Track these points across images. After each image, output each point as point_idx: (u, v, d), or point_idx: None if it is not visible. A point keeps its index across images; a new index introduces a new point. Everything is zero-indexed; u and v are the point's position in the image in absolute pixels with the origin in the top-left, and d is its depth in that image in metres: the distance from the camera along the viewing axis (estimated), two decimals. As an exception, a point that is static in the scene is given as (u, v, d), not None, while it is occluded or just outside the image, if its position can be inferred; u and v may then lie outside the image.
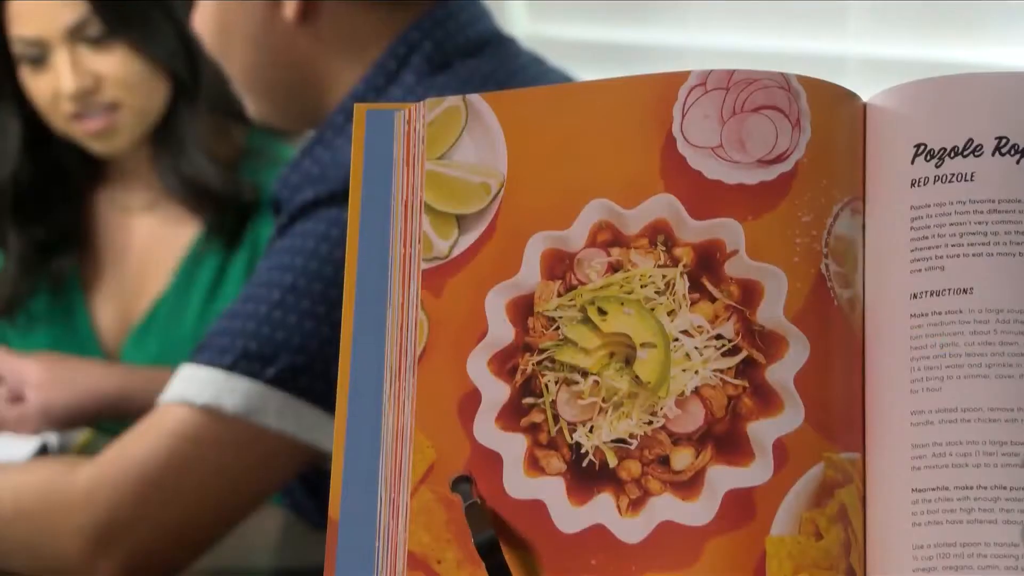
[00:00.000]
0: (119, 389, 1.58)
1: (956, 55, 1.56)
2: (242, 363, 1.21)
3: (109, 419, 1.55)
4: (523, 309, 0.71)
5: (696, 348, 0.69)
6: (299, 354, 1.21)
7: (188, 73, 1.65)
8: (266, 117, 1.36)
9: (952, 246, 0.70)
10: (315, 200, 1.24)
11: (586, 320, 0.71)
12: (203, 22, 1.32)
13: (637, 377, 0.70)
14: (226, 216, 1.71)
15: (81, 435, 1.52)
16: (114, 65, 1.64)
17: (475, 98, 0.73)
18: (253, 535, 1.32)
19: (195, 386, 1.22)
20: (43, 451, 1.49)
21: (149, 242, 1.75)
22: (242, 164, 1.72)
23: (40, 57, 1.65)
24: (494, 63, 1.30)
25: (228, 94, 1.54)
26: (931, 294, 0.70)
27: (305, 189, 1.25)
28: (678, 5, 1.82)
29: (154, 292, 1.73)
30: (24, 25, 1.64)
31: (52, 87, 1.65)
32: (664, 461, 0.69)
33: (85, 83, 1.64)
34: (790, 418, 0.68)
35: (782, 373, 0.69)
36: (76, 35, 1.63)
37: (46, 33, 1.64)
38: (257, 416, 1.21)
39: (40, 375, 1.56)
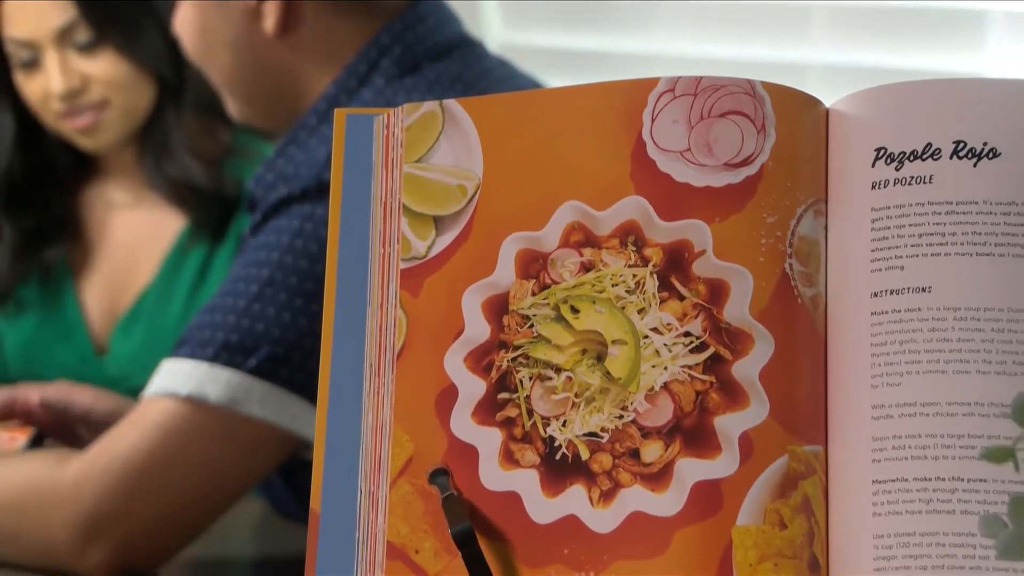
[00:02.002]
0: None
1: (914, 62, 1.56)
2: (224, 355, 1.21)
3: None
4: (498, 307, 0.71)
5: (665, 345, 0.69)
6: (279, 345, 1.21)
7: (174, 75, 1.66)
8: (246, 118, 1.36)
9: (911, 246, 0.70)
10: (288, 197, 1.24)
11: (559, 318, 0.71)
12: (184, 26, 1.32)
13: (608, 373, 0.70)
14: (210, 211, 1.71)
15: None
16: (101, 67, 1.65)
17: (452, 103, 0.73)
18: (232, 525, 1.32)
19: (178, 379, 1.21)
20: (37, 441, 1.48)
21: (137, 235, 1.75)
22: (226, 162, 1.73)
23: (32, 60, 1.66)
24: (461, 66, 1.30)
25: (213, 95, 1.55)
26: (891, 293, 0.70)
27: (279, 187, 1.25)
28: (647, 14, 1.82)
29: (141, 283, 1.73)
30: (15, 26, 1.65)
31: (43, 87, 1.66)
32: (634, 454, 0.69)
33: (73, 83, 1.64)
34: (755, 412, 0.68)
35: (748, 369, 0.69)
36: (65, 38, 1.64)
37: (36, 35, 1.65)
38: (241, 405, 1.21)
39: (88, 390, 1.56)
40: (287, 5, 1.27)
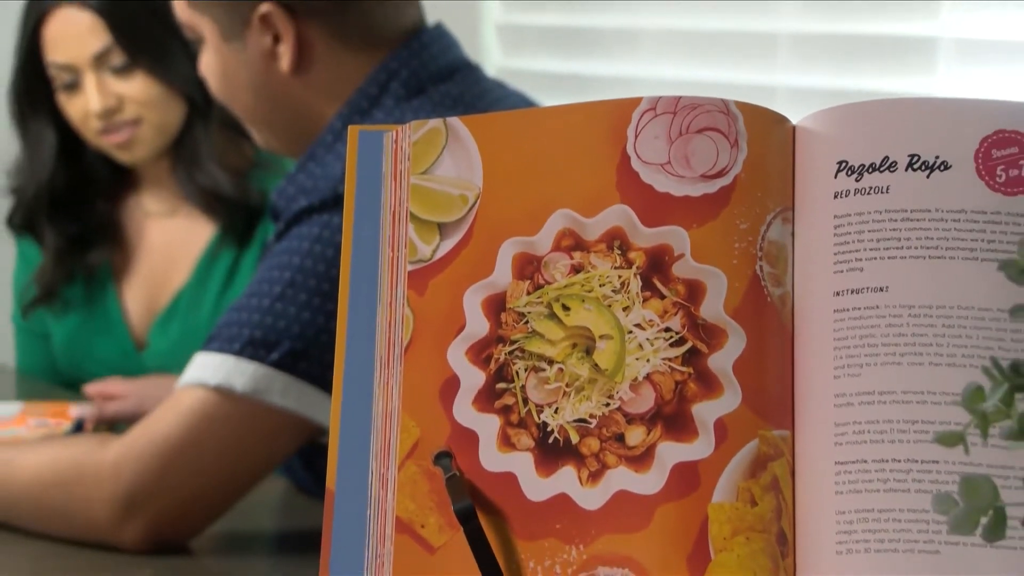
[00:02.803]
0: None
1: (872, 84, 1.56)
2: (249, 349, 1.21)
3: None
4: (496, 305, 0.71)
5: (648, 339, 0.69)
6: (298, 340, 1.21)
7: (201, 95, 1.66)
8: (270, 146, 1.37)
9: (870, 250, 0.70)
10: (308, 207, 1.24)
11: (552, 315, 0.70)
12: (207, 70, 1.32)
13: (596, 365, 0.69)
14: (237, 219, 1.71)
15: None
16: (135, 88, 1.65)
17: (454, 121, 0.73)
18: (257, 502, 1.31)
19: (208, 370, 1.22)
20: (79, 425, 1.48)
21: (172, 241, 1.75)
22: (251, 174, 1.73)
23: (73, 82, 1.66)
24: (463, 87, 1.30)
25: None
26: (852, 292, 0.69)
27: (299, 199, 1.25)
28: (631, 42, 1.82)
29: (176, 284, 1.74)
30: (57, 52, 1.66)
31: (83, 107, 1.66)
32: (620, 438, 0.68)
33: (109, 103, 1.65)
34: (729, 400, 0.68)
35: (722, 361, 0.68)
36: (102, 62, 1.65)
37: (76, 60, 1.65)
38: (264, 395, 1.21)
39: (138, 383, 1.57)
40: (299, 46, 1.27)
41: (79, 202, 1.73)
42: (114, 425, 1.50)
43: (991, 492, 0.55)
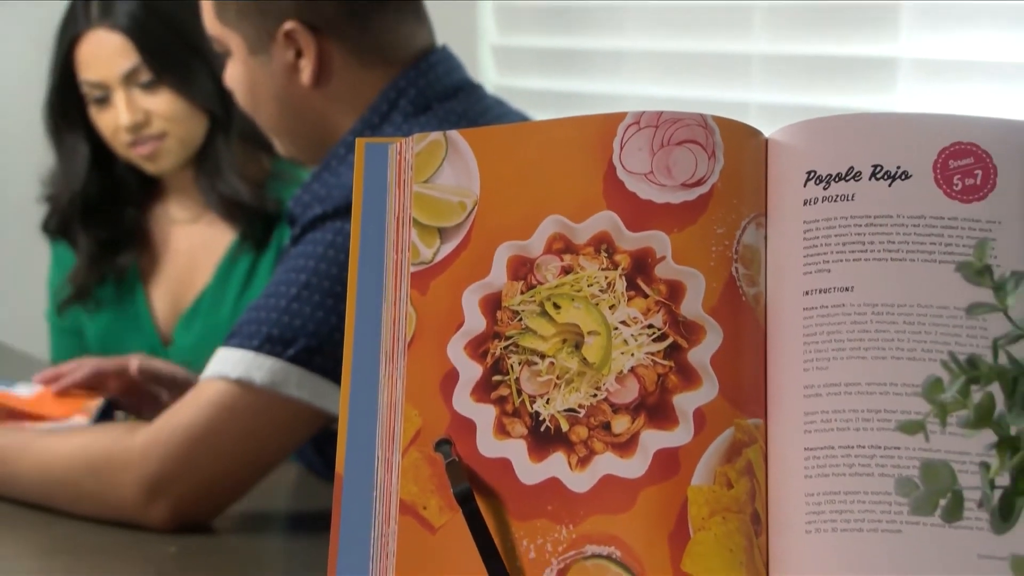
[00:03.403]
0: None
1: (837, 101, 1.56)
2: (267, 345, 1.21)
3: None
4: (493, 304, 0.70)
5: (632, 335, 0.69)
6: (312, 337, 1.21)
7: (222, 110, 1.66)
8: (290, 154, 1.36)
9: (837, 253, 0.69)
10: (322, 215, 1.24)
11: (544, 313, 0.70)
12: (233, 82, 1.32)
13: (585, 359, 0.69)
14: (256, 225, 1.71)
15: None
16: (161, 103, 1.65)
17: (454, 134, 0.72)
18: (274, 485, 1.31)
19: (229, 364, 1.21)
20: (108, 410, 1.47)
21: (195, 246, 1.75)
22: (268, 183, 1.72)
23: (104, 98, 1.66)
24: (465, 105, 1.30)
25: (255, 127, 1.55)
26: (820, 291, 0.69)
27: (314, 206, 1.25)
28: (617, 62, 1.82)
29: (199, 286, 1.73)
30: (90, 71, 1.66)
31: (113, 121, 1.66)
32: (606, 426, 0.68)
33: (138, 118, 1.65)
34: (707, 391, 0.68)
35: (701, 355, 0.68)
36: (130, 79, 1.64)
37: (106, 77, 1.65)
38: (280, 387, 1.21)
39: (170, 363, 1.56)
40: (320, 60, 1.27)
41: (110, 209, 1.73)
42: (142, 414, 1.49)
43: (949, 476, 0.54)
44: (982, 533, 0.64)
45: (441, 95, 1.29)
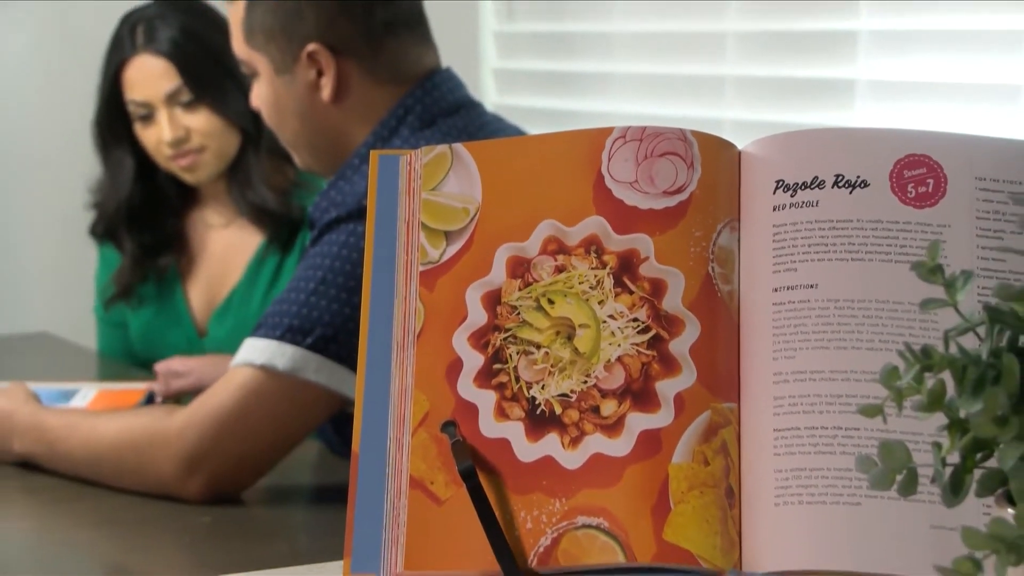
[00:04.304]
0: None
1: (801, 118, 1.56)
2: (288, 335, 1.21)
3: None
4: (493, 300, 0.70)
5: (619, 328, 0.68)
6: (329, 328, 1.21)
7: (253, 127, 1.65)
8: (308, 167, 1.36)
9: (803, 254, 0.69)
10: (337, 218, 1.24)
11: (539, 308, 0.69)
12: (260, 101, 1.32)
13: (576, 349, 0.68)
14: (282, 230, 1.71)
15: None
16: (199, 121, 1.65)
17: (458, 146, 0.72)
18: (297, 461, 1.31)
19: (255, 352, 1.21)
20: (150, 399, 1.47)
21: (227, 248, 1.74)
22: (293, 192, 1.72)
23: (148, 116, 1.65)
24: (466, 120, 1.30)
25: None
26: (787, 288, 0.68)
27: (331, 211, 1.25)
28: (605, 83, 1.82)
29: (231, 283, 1.73)
30: (135, 91, 1.66)
31: (156, 136, 1.66)
32: (595, 410, 0.67)
33: (179, 134, 1.64)
34: (686, 378, 0.67)
35: (681, 346, 0.67)
36: (172, 99, 1.64)
37: (151, 97, 1.65)
38: (301, 373, 1.21)
39: (199, 361, 1.56)
40: (338, 79, 1.27)
41: (152, 215, 1.72)
42: (179, 398, 1.49)
43: (905, 455, 0.54)
44: (934, 506, 0.63)
45: (445, 111, 1.30)
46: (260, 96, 1.31)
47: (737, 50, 1.66)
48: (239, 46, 1.31)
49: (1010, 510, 0.51)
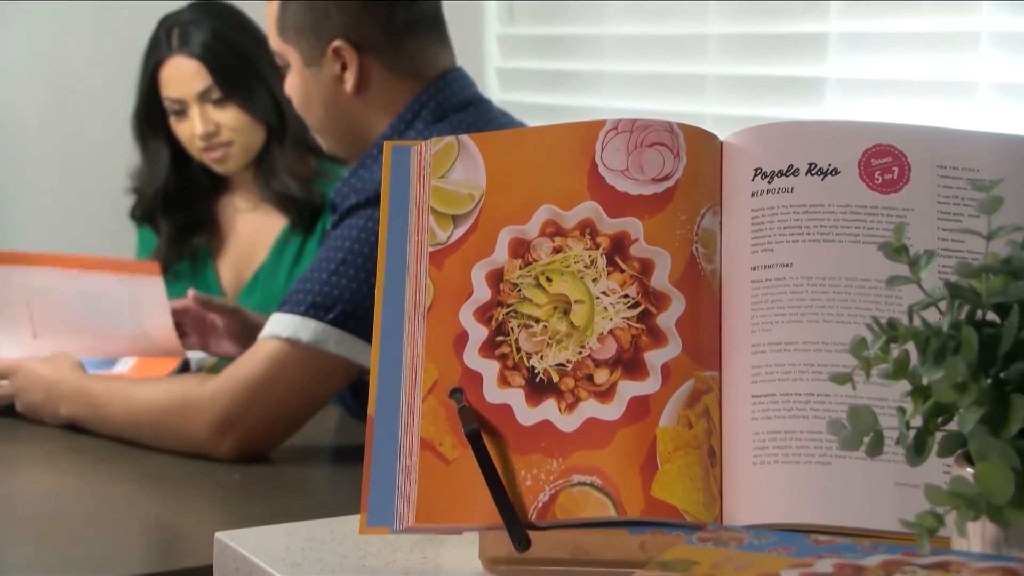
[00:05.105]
0: None
1: (776, 113, 1.55)
2: (311, 311, 1.21)
3: None
4: (496, 278, 0.69)
5: (611, 304, 0.68)
6: (348, 304, 1.21)
7: (278, 122, 1.66)
8: (333, 150, 1.36)
9: (779, 235, 0.68)
10: (356, 204, 1.24)
11: (538, 285, 0.69)
12: (291, 90, 1.32)
13: (572, 323, 0.68)
14: (304, 215, 1.71)
15: (210, 359, 1.51)
16: (229, 116, 1.65)
17: (464, 137, 0.71)
18: (319, 424, 1.31)
19: (281, 326, 1.22)
20: (185, 367, 1.47)
21: (254, 231, 1.74)
22: (315, 180, 1.72)
23: (182, 111, 1.65)
24: (476, 116, 1.30)
25: (305, 136, 1.56)
26: (764, 267, 0.68)
27: (351, 197, 1.25)
28: (598, 82, 1.81)
29: (258, 263, 1.73)
30: (171, 89, 1.66)
31: (189, 130, 1.65)
32: (590, 378, 0.67)
33: (210, 128, 1.64)
34: (672, 349, 0.67)
35: (667, 320, 0.67)
36: (204, 96, 1.64)
37: (184, 95, 1.65)
38: (323, 345, 1.21)
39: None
40: (360, 73, 1.26)
41: (186, 200, 1.73)
42: (213, 367, 1.49)
43: (872, 419, 0.53)
44: (899, 466, 0.63)
45: (456, 107, 1.29)
46: (291, 85, 1.31)
47: (718, 50, 1.65)
48: (274, 39, 1.31)
49: (969, 469, 0.51)
